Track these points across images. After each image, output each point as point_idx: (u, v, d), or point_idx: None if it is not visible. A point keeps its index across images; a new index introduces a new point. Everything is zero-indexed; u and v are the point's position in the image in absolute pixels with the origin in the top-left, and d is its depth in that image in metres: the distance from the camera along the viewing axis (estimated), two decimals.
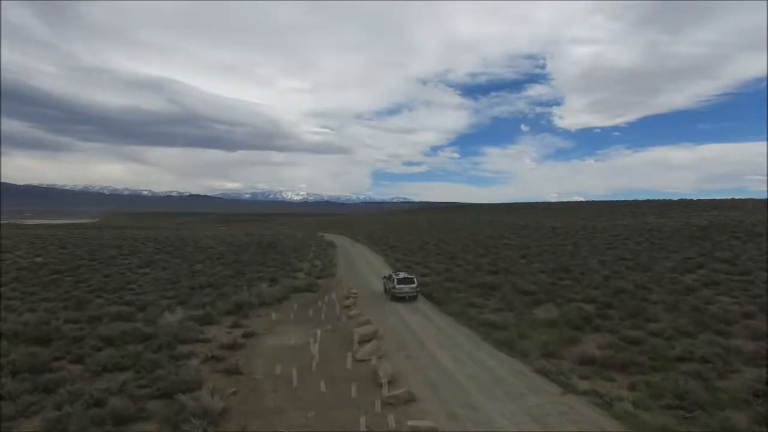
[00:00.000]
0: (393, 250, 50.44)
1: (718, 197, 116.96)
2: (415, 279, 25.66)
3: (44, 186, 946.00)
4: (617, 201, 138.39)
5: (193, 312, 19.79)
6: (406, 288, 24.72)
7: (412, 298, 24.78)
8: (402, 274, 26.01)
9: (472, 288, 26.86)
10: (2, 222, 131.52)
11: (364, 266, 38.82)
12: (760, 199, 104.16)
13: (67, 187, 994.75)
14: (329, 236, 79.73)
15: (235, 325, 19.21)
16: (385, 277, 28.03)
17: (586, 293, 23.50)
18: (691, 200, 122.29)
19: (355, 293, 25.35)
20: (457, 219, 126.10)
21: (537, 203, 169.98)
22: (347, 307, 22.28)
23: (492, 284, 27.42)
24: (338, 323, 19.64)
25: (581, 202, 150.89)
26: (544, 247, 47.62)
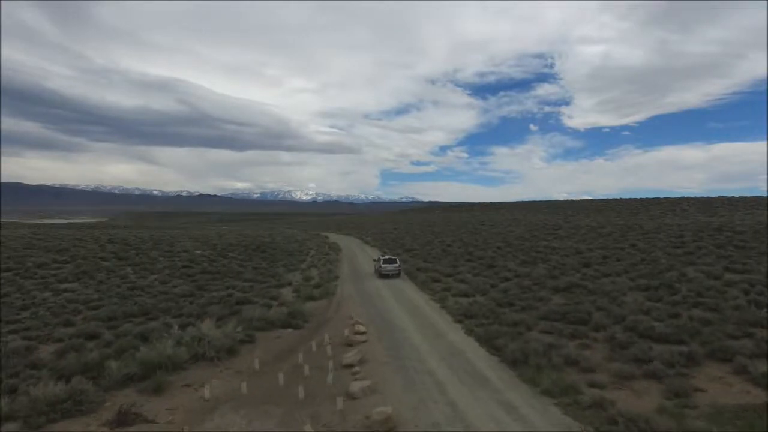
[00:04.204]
0: (411, 255, 40.55)
1: (732, 197, 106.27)
2: (397, 259, 30.39)
3: (57, 186, 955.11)
4: (649, 198, 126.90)
5: (49, 393, 10.12)
6: (389, 267, 29.22)
7: (395, 276, 28.94)
8: (387, 256, 31.17)
9: (546, 320, 17.03)
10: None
11: (375, 279, 29.10)
12: None
13: (80, 187, 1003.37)
14: (335, 237, 70.14)
15: (123, 420, 9.62)
16: (374, 260, 32.26)
17: (762, 339, 13.49)
18: (732, 197, 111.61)
19: (364, 332, 15.61)
20: (472, 218, 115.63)
21: (556, 201, 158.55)
22: (349, 366, 12.51)
23: (573, 313, 17.52)
24: (330, 414, 9.94)
25: (608, 199, 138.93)
26: (600, 251, 37.46)
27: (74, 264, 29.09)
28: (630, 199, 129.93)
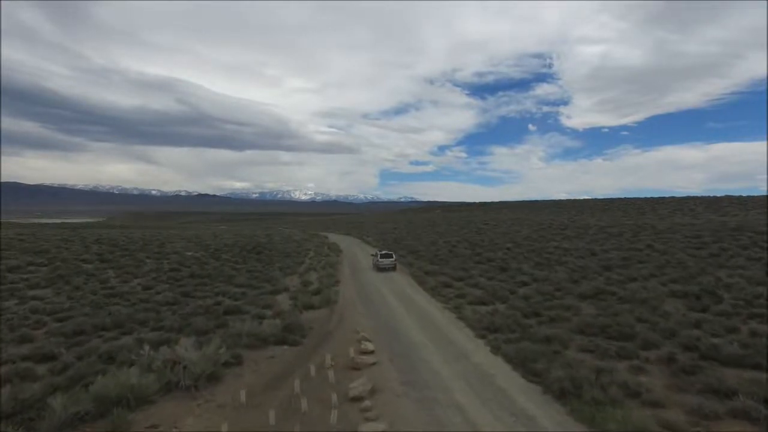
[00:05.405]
0: (416, 256, 38.15)
1: (739, 196, 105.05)
2: (393, 254, 32.06)
3: (55, 186, 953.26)
4: (654, 198, 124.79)
5: None
6: (386, 261, 31.07)
7: (392, 269, 30.77)
8: (384, 251, 32.62)
9: (582, 335, 14.69)
10: None
11: (381, 283, 26.71)
12: None
13: (78, 187, 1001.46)
14: (334, 237, 67.73)
15: None
16: (372, 254, 34.67)
17: None
18: (740, 196, 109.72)
19: (372, 351, 13.22)
20: (474, 218, 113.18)
21: (557, 201, 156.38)
22: (358, 399, 10.14)
23: (613, 326, 15.17)
24: None
25: (612, 199, 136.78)
26: (617, 252, 35.27)
27: (51, 267, 26.66)
28: (635, 198, 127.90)
